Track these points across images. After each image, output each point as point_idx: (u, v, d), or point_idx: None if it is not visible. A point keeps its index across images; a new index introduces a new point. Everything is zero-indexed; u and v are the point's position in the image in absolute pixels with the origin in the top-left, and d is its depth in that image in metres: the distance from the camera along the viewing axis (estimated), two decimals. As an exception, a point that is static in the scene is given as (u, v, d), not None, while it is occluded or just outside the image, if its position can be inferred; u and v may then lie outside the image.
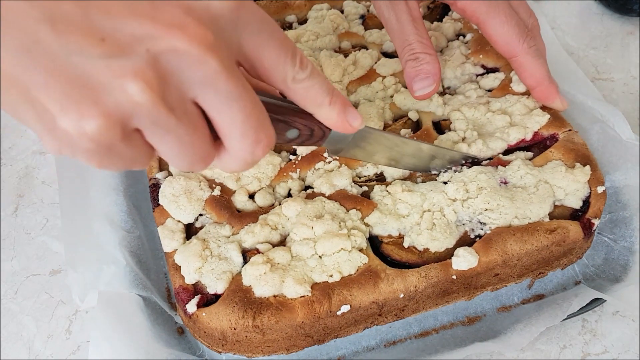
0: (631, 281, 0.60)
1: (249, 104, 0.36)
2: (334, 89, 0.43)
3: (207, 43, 0.33)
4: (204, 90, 0.34)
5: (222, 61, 0.33)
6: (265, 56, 0.38)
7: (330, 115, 0.43)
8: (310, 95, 0.41)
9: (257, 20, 0.36)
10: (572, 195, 0.58)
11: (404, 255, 0.55)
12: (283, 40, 0.39)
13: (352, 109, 0.45)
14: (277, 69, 0.39)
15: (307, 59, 0.40)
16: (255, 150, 0.38)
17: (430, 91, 0.60)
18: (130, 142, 0.34)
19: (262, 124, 0.38)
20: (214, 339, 0.53)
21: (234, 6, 0.35)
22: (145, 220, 0.67)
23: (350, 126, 0.45)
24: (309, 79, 0.40)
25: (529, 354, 0.59)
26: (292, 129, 0.44)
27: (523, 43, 0.60)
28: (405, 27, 0.60)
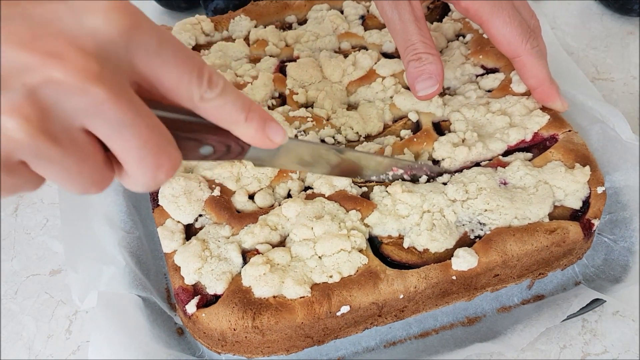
0: (631, 281, 0.59)
1: (145, 129, 0.35)
2: (252, 104, 0.41)
3: (90, 72, 0.31)
4: (92, 120, 0.33)
5: (109, 89, 0.32)
6: (166, 76, 0.36)
7: (248, 132, 0.41)
8: (223, 113, 0.40)
9: (154, 40, 0.35)
10: (571, 196, 0.58)
11: (403, 256, 0.55)
12: (186, 58, 0.37)
13: (274, 123, 0.43)
14: (181, 89, 0.37)
15: (217, 76, 0.39)
16: (157, 175, 0.37)
17: (433, 91, 0.60)
18: (15, 174, 0.33)
19: (162, 148, 0.36)
20: (213, 340, 0.53)
21: (124, 29, 0.33)
22: (144, 220, 0.67)
23: (271, 141, 0.43)
24: (219, 97, 0.39)
25: (529, 354, 0.59)
26: (205, 145, 0.42)
27: (526, 44, 0.60)
28: (408, 27, 0.60)
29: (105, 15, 0.33)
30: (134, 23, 0.34)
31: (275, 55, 0.75)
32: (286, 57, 0.76)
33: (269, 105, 0.69)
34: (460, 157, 0.61)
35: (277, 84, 0.71)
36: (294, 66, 0.72)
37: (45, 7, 0.32)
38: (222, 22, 0.80)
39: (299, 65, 0.72)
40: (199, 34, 0.78)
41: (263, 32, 0.77)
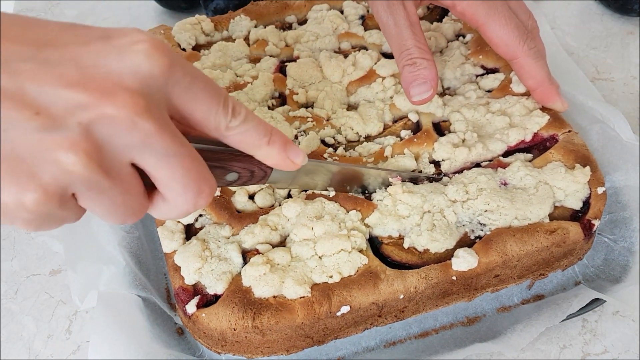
0: (631, 282, 0.59)
1: (187, 158, 0.37)
2: (272, 129, 0.44)
3: (138, 107, 0.34)
4: (141, 153, 0.35)
5: (155, 122, 0.35)
6: (197, 109, 0.39)
7: (270, 155, 0.44)
8: (247, 139, 0.42)
9: (187, 77, 0.37)
10: (572, 196, 0.58)
11: (403, 256, 0.55)
12: (214, 92, 0.39)
13: (293, 146, 0.45)
14: (209, 120, 0.40)
15: (240, 106, 0.41)
16: (198, 201, 0.39)
17: (427, 97, 0.60)
18: (66, 206, 0.35)
19: (203, 175, 0.39)
20: (213, 340, 0.53)
21: (164, 67, 0.36)
22: (144, 220, 0.67)
23: (292, 163, 0.45)
24: (243, 124, 0.41)
25: (529, 354, 0.59)
26: (231, 172, 0.45)
27: (523, 45, 0.60)
28: (403, 31, 0.60)
29: (147, 55, 0.35)
30: (171, 61, 0.36)
31: (275, 55, 0.75)
32: (286, 57, 0.76)
33: (269, 105, 0.69)
34: (461, 158, 0.61)
35: (277, 84, 0.71)
36: (294, 66, 0.72)
37: (91, 48, 0.34)
38: (222, 22, 0.80)
39: (299, 65, 0.72)
40: (199, 34, 0.78)
41: (263, 32, 0.77)
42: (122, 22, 0.99)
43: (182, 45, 0.76)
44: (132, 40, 0.35)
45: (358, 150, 0.64)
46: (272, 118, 0.66)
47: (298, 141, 0.64)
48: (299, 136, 0.65)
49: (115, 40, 0.35)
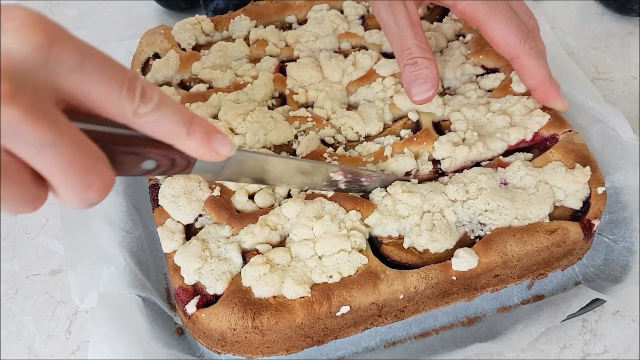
0: (631, 282, 0.59)
1: (70, 148, 0.34)
2: (193, 117, 0.40)
3: (2, 93, 0.31)
4: (11, 141, 0.32)
5: (24, 109, 0.31)
6: (93, 92, 0.35)
7: (191, 145, 0.40)
8: (162, 128, 0.38)
9: (76, 56, 0.34)
10: (572, 196, 0.58)
11: (403, 256, 0.55)
12: (114, 73, 0.36)
13: (219, 135, 0.41)
14: (111, 104, 0.36)
15: (152, 89, 0.37)
16: (87, 195, 0.36)
17: (428, 96, 0.60)
18: None
19: (90, 167, 0.35)
20: (213, 340, 0.53)
21: (38, 46, 0.32)
22: (144, 220, 0.67)
23: (217, 154, 0.42)
24: (155, 111, 0.37)
25: (529, 354, 0.59)
26: (147, 160, 0.41)
27: (524, 45, 0.60)
28: (403, 31, 0.60)
29: (18, 34, 0.32)
30: (51, 39, 0.33)
31: (275, 55, 0.75)
32: (286, 57, 0.76)
33: (269, 105, 0.69)
34: (461, 157, 0.61)
35: (277, 84, 0.71)
36: (294, 66, 0.72)
37: None
38: (222, 22, 0.80)
39: (299, 65, 0.72)
40: (199, 34, 0.78)
41: (263, 32, 0.77)
42: (122, 22, 0.99)
43: (182, 45, 0.76)
44: (3, 18, 0.32)
45: (358, 149, 0.64)
46: (272, 118, 0.66)
47: (298, 141, 0.64)
48: (299, 136, 0.65)
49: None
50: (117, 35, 0.97)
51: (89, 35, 0.97)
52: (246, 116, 0.66)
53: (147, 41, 0.77)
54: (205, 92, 0.69)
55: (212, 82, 0.71)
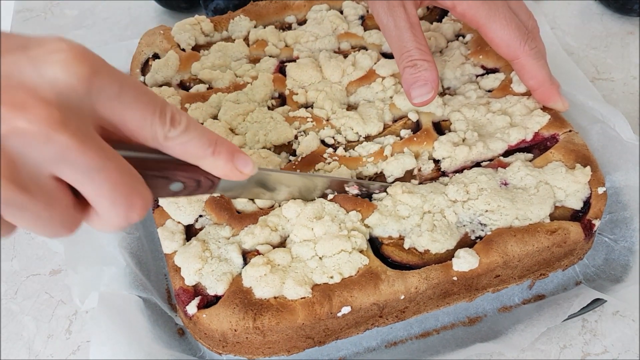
0: (632, 281, 0.60)
1: (115, 172, 0.36)
2: (218, 138, 0.42)
3: (52, 120, 0.32)
4: (60, 167, 0.34)
5: (73, 135, 0.33)
6: (128, 119, 0.37)
7: (216, 165, 0.43)
8: (189, 149, 0.41)
9: (115, 85, 0.36)
10: (572, 196, 0.58)
11: (404, 257, 0.55)
12: (148, 100, 0.38)
13: (242, 155, 0.44)
14: (144, 130, 0.38)
15: (181, 115, 0.40)
16: (130, 215, 0.38)
17: (428, 98, 0.60)
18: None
19: (134, 188, 0.37)
20: (214, 341, 0.53)
21: (84, 77, 0.34)
22: (145, 221, 0.67)
23: (240, 173, 0.44)
24: (184, 134, 0.40)
25: (529, 354, 0.59)
26: (175, 182, 0.43)
27: (524, 45, 0.60)
28: (403, 33, 0.60)
29: (64, 65, 0.34)
30: (93, 70, 0.35)
31: (274, 56, 0.75)
32: (286, 57, 0.75)
33: (268, 106, 0.69)
34: (461, 157, 0.61)
35: (276, 85, 0.71)
36: (293, 66, 0.72)
37: (7, 59, 0.33)
38: (221, 22, 0.80)
39: (298, 65, 0.72)
40: (198, 34, 0.78)
41: (263, 32, 0.77)
42: (122, 22, 0.99)
43: (182, 45, 0.76)
44: (49, 50, 0.34)
45: (358, 150, 0.64)
46: (272, 118, 0.66)
47: (298, 141, 0.64)
48: (298, 136, 0.65)
49: (32, 50, 0.34)
50: (117, 35, 0.97)
51: (89, 35, 0.97)
52: (246, 116, 0.66)
53: (146, 41, 0.77)
54: (204, 93, 0.69)
55: (212, 83, 0.71)
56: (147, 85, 0.72)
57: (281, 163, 0.62)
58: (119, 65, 0.82)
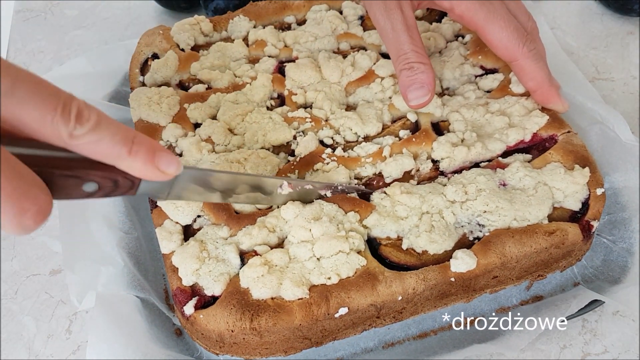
0: (630, 282, 0.59)
1: (1, 175, 0.33)
2: (136, 135, 0.39)
3: None
4: None
5: None
6: (25, 117, 0.35)
7: (134, 165, 0.39)
8: (101, 149, 0.38)
9: (7, 81, 0.34)
10: (571, 197, 0.58)
11: (402, 258, 0.55)
12: (47, 96, 0.35)
13: (165, 153, 0.41)
14: (45, 127, 0.35)
15: (90, 111, 0.37)
16: (22, 221, 0.35)
17: (425, 101, 0.60)
18: None
19: (24, 193, 0.35)
20: (211, 341, 0.53)
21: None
22: (143, 221, 0.67)
23: (162, 173, 0.41)
24: (93, 132, 0.37)
25: (529, 354, 0.59)
26: (88, 182, 0.40)
27: (523, 47, 0.60)
28: (400, 36, 0.60)
29: None
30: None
31: (274, 56, 0.75)
32: (285, 57, 0.75)
33: (267, 106, 0.69)
34: (459, 157, 0.61)
35: (276, 85, 0.71)
36: (292, 67, 0.72)
37: None
38: (221, 22, 0.80)
39: (297, 66, 0.72)
40: (197, 35, 0.78)
41: (262, 32, 0.77)
42: (122, 22, 0.99)
43: (181, 45, 0.76)
44: None
45: (356, 150, 0.64)
46: (271, 119, 0.66)
47: (297, 142, 0.64)
48: (297, 137, 0.65)
49: None
50: (117, 35, 0.97)
51: (89, 35, 0.97)
52: (245, 117, 0.66)
53: (145, 41, 0.77)
54: (204, 93, 0.69)
55: (211, 83, 0.71)
56: (146, 85, 0.72)
57: (280, 163, 0.62)
58: (118, 65, 0.83)
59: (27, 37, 0.98)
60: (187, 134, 0.66)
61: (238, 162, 0.61)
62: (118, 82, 0.80)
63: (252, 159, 0.61)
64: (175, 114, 0.67)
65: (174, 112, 0.67)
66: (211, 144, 0.64)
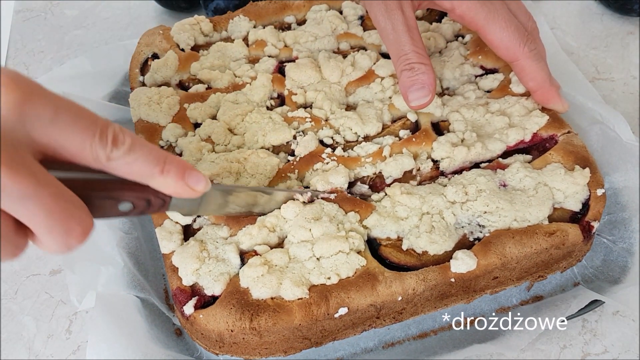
0: (630, 282, 0.59)
1: (49, 198, 0.36)
2: (167, 156, 0.42)
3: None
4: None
5: (5, 164, 0.33)
6: (67, 143, 0.37)
7: (166, 183, 0.42)
8: (135, 169, 0.40)
9: (48, 109, 0.36)
10: (571, 198, 0.58)
11: (402, 258, 0.55)
12: (86, 122, 0.38)
13: (194, 172, 0.43)
14: (85, 152, 0.38)
15: (124, 134, 0.39)
16: (68, 241, 0.38)
17: (425, 102, 0.60)
18: None
19: (70, 214, 0.37)
20: (211, 341, 0.53)
21: (15, 105, 0.34)
22: (143, 221, 0.67)
23: (192, 190, 0.44)
24: (128, 154, 0.39)
25: (529, 354, 0.59)
26: (123, 202, 0.43)
27: (524, 47, 0.60)
28: (401, 36, 0.60)
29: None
30: (25, 96, 0.35)
31: (274, 56, 0.75)
32: (285, 57, 0.75)
33: (267, 106, 0.69)
34: (459, 157, 0.61)
35: (275, 85, 0.71)
36: (292, 67, 0.72)
37: None
38: (221, 22, 0.80)
39: (297, 65, 0.72)
40: (197, 35, 0.78)
41: (262, 32, 0.77)
42: (122, 22, 0.99)
43: (181, 45, 0.76)
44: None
45: (356, 150, 0.64)
46: (271, 118, 0.66)
47: (296, 141, 0.64)
48: (297, 136, 0.65)
49: None
50: (117, 35, 0.97)
51: (89, 35, 0.97)
52: (245, 117, 0.66)
53: (145, 41, 0.77)
54: (204, 93, 0.70)
55: (211, 83, 0.71)
56: (146, 85, 0.72)
57: (279, 163, 0.62)
58: (118, 65, 0.83)
59: (27, 37, 0.98)
60: (187, 133, 0.66)
61: (238, 162, 0.61)
62: (118, 82, 0.80)
63: (252, 159, 0.61)
64: (175, 113, 0.67)
65: (173, 112, 0.67)
66: (211, 143, 0.64)
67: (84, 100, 0.74)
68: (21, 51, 0.95)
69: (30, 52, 0.95)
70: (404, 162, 0.61)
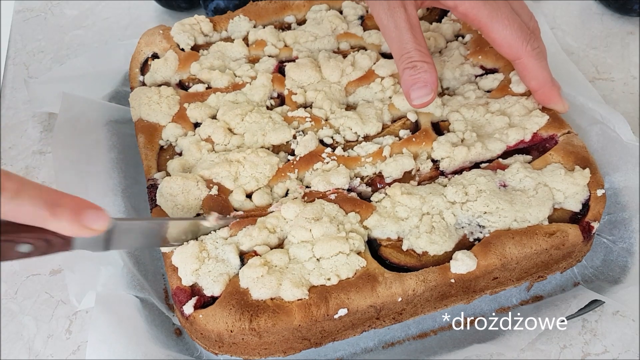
0: (630, 282, 0.59)
1: None
2: (60, 197, 0.42)
3: None
4: None
5: None
6: None
7: (61, 225, 0.42)
8: (23, 214, 0.40)
9: None
10: (571, 198, 0.58)
11: (402, 259, 0.55)
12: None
13: (91, 210, 0.43)
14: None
15: (9, 180, 0.39)
16: None
17: (427, 100, 0.60)
18: None
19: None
20: (210, 341, 0.53)
21: None
22: (143, 221, 0.67)
23: (90, 230, 0.43)
24: (13, 200, 0.39)
25: (529, 354, 0.59)
26: (22, 244, 0.42)
27: (526, 46, 0.60)
28: (403, 34, 0.60)
29: None
30: None
31: (274, 56, 0.75)
32: (285, 57, 0.75)
33: (267, 106, 0.69)
34: (460, 157, 0.61)
35: (275, 85, 0.71)
36: (292, 67, 0.72)
37: None
38: (221, 22, 0.80)
39: (297, 65, 0.72)
40: (197, 35, 0.78)
41: (262, 32, 0.77)
42: (122, 22, 0.99)
43: (181, 45, 0.76)
44: None
45: (356, 150, 0.64)
46: (271, 118, 0.66)
47: (296, 141, 0.64)
48: (297, 136, 0.65)
49: None
50: (117, 35, 0.97)
51: (89, 35, 0.97)
52: (245, 116, 0.66)
53: (145, 41, 0.77)
54: (203, 92, 0.70)
55: (211, 83, 0.71)
56: (146, 84, 0.72)
57: (279, 162, 0.62)
58: (118, 65, 0.83)
59: (27, 37, 0.98)
60: (187, 133, 0.66)
61: (237, 162, 0.61)
62: (118, 82, 0.80)
63: (252, 159, 0.61)
64: (175, 113, 0.67)
65: (173, 112, 0.67)
66: (211, 143, 0.64)
67: (84, 100, 0.74)
68: (21, 51, 0.95)
69: (30, 52, 0.95)
70: (404, 162, 0.61)
